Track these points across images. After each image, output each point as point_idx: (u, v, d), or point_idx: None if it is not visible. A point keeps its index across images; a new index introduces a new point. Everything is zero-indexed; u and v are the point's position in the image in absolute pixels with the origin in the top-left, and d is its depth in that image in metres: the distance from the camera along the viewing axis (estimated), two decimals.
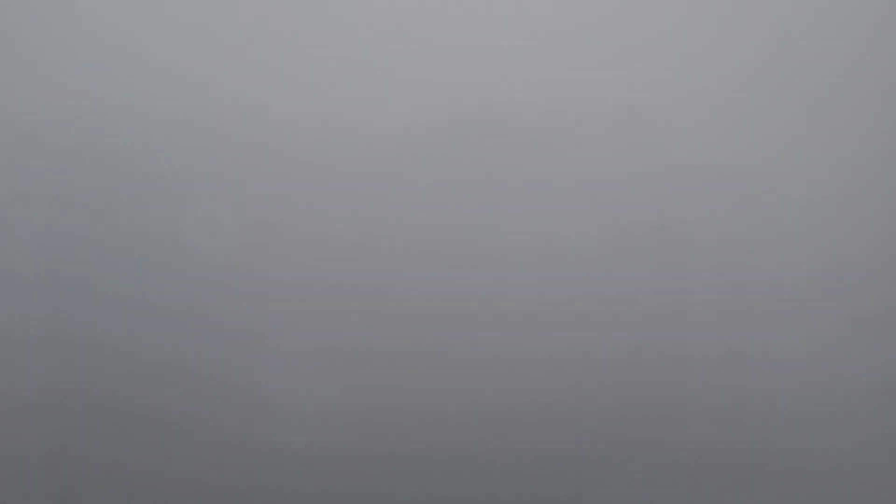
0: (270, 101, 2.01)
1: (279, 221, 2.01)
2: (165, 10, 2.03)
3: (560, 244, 1.95)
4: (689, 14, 1.93)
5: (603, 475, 1.95)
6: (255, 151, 2.01)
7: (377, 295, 1.99)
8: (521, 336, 1.96)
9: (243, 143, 2.02)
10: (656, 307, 1.93)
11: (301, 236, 2.01)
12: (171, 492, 2.04)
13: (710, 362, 1.92)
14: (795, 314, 1.90)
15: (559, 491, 1.96)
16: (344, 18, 2.00)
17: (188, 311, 2.03)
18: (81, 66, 2.05)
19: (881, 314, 1.89)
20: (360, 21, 1.99)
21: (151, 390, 2.04)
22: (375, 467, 2.00)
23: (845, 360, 1.89)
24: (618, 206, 1.94)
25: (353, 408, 2.01)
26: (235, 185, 2.02)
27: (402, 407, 1.99)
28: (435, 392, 1.99)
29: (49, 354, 2.06)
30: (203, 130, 2.02)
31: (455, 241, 1.98)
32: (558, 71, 1.95)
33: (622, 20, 1.94)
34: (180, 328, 2.03)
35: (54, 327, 2.06)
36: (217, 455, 2.03)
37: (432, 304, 1.98)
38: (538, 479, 1.97)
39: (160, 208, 2.03)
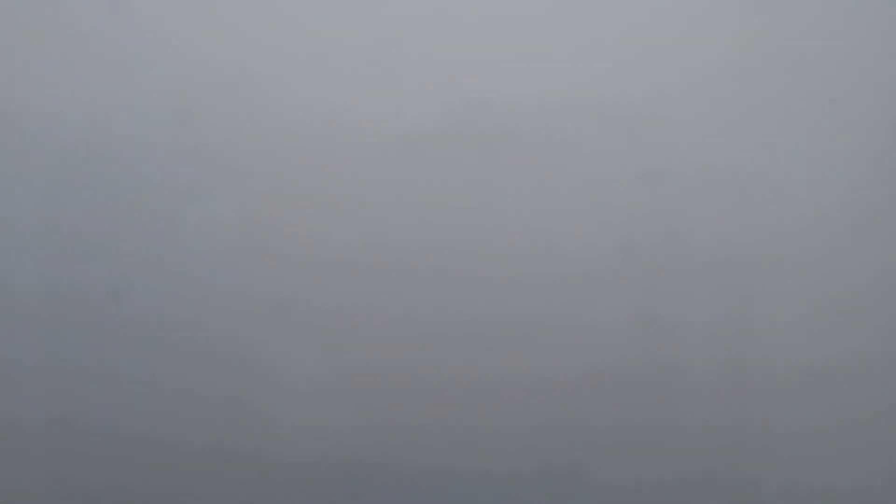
0: (270, 102, 2.01)
1: (278, 220, 2.01)
2: (165, 9, 2.03)
3: (560, 242, 1.96)
4: (690, 15, 1.93)
5: (604, 450, 1.95)
6: (254, 152, 2.02)
7: (377, 292, 2.00)
8: (522, 330, 1.97)
9: (244, 144, 2.02)
10: (657, 304, 1.94)
11: (301, 234, 2.01)
12: (170, 489, 2.04)
13: (711, 356, 1.93)
14: (795, 309, 1.91)
15: (561, 465, 1.96)
16: (344, 19, 2.00)
17: (188, 308, 2.03)
18: (79, 68, 2.05)
19: (881, 311, 1.89)
20: (361, 22, 2.00)
21: (151, 386, 2.04)
22: (374, 474, 2.01)
23: (844, 355, 1.90)
24: (618, 204, 1.94)
25: (356, 401, 2.01)
26: (236, 185, 2.02)
27: (406, 387, 2.00)
28: (437, 374, 1.99)
29: (46, 371, 2.06)
30: (203, 133, 2.02)
31: (455, 240, 1.98)
32: (559, 71, 1.96)
33: (623, 21, 1.95)
34: (180, 324, 2.03)
35: (53, 326, 2.06)
36: (215, 469, 2.03)
37: (433, 300, 1.98)
38: (545, 456, 1.97)
39: (160, 208, 2.03)
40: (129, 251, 2.04)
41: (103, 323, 2.05)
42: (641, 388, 1.94)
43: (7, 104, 2.06)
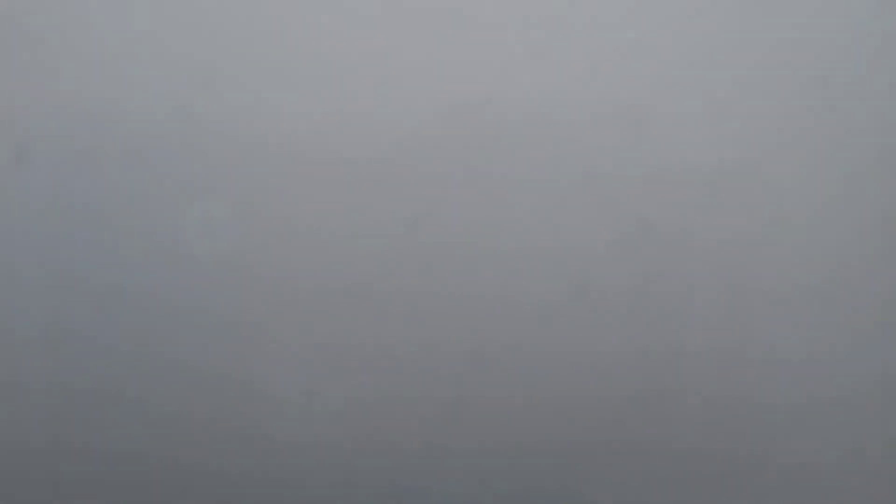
0: (269, 101, 2.01)
1: (278, 219, 2.01)
2: (165, 9, 2.03)
3: (560, 242, 1.96)
4: (691, 15, 1.93)
5: (603, 469, 1.95)
6: (254, 150, 2.02)
7: (376, 291, 1.99)
8: (520, 332, 1.96)
9: (243, 142, 2.02)
10: (656, 304, 1.93)
11: (300, 234, 2.01)
12: (169, 486, 2.04)
13: (710, 358, 1.93)
14: (795, 311, 1.90)
15: (560, 485, 1.96)
16: (343, 20, 2.00)
17: (188, 308, 2.03)
18: (79, 67, 2.05)
19: (880, 312, 1.89)
20: (359, 22, 1.99)
21: (151, 386, 2.04)
22: (373, 461, 2.00)
23: (844, 358, 1.89)
24: (617, 203, 1.94)
25: (353, 402, 2.01)
26: (235, 183, 2.02)
27: (402, 401, 1.99)
28: (433, 387, 1.99)
29: (49, 352, 2.06)
30: (203, 130, 2.02)
31: (455, 238, 1.98)
32: (559, 71, 1.95)
33: (623, 21, 1.94)
34: (180, 325, 2.03)
35: (54, 325, 2.06)
36: (216, 449, 2.03)
37: (431, 300, 1.98)
38: (538, 475, 1.97)
39: (161, 206, 2.03)
40: (129, 251, 2.04)
41: (104, 320, 2.05)
42: (641, 387, 1.94)
43: (8, 104, 2.06)
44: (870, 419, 1.89)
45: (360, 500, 2.01)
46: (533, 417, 1.97)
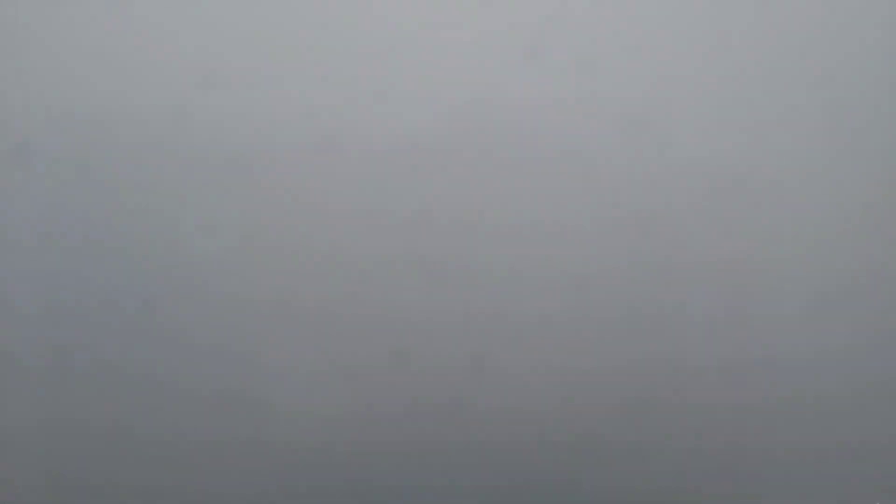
0: (270, 101, 2.01)
1: (278, 219, 2.01)
2: (165, 9, 2.03)
3: (559, 240, 1.96)
4: (691, 15, 1.93)
5: (602, 470, 1.95)
6: (254, 151, 2.01)
7: (375, 290, 1.99)
8: (520, 331, 1.96)
9: (242, 142, 2.02)
10: (656, 304, 1.93)
11: (299, 234, 2.01)
12: (160, 486, 2.04)
13: (710, 358, 1.93)
14: (795, 310, 1.91)
15: (556, 483, 1.96)
16: (343, 21, 2.00)
17: (187, 306, 2.03)
18: (79, 67, 2.05)
19: (882, 312, 1.89)
20: (359, 24, 1.99)
21: (148, 385, 2.04)
22: (372, 468, 2.00)
23: (844, 358, 1.89)
24: (619, 206, 1.94)
25: (352, 413, 2.01)
26: (235, 184, 2.02)
27: (403, 399, 1.99)
28: (433, 385, 1.99)
29: (46, 352, 2.06)
30: (202, 130, 2.02)
31: (454, 241, 1.98)
32: (560, 75, 1.95)
33: (622, 22, 1.94)
34: (180, 322, 2.03)
35: (52, 325, 2.06)
36: (217, 464, 2.03)
37: (431, 298, 1.98)
38: (536, 474, 1.97)
39: (160, 207, 2.03)
40: (128, 251, 2.04)
41: (101, 319, 2.05)
42: (641, 390, 1.94)
43: (8, 104, 2.06)
44: (871, 422, 1.89)
45: (360, 467, 2.01)
46: (532, 418, 1.97)
